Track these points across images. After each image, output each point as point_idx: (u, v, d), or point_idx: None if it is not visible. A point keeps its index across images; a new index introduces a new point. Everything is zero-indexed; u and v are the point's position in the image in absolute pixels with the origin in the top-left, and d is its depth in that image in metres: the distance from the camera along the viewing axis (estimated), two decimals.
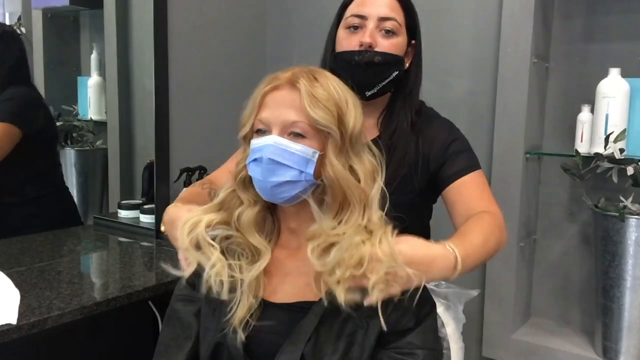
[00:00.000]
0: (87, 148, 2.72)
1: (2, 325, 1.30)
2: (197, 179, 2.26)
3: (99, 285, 1.71)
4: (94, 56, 2.71)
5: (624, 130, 1.87)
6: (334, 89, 1.10)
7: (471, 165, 1.38)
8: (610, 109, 1.89)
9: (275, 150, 1.07)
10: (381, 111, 1.44)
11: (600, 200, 1.93)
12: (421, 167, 1.39)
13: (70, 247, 2.09)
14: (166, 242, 2.10)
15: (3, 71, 2.19)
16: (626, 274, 1.86)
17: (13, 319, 1.32)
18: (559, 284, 2.20)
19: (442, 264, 1.04)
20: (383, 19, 1.36)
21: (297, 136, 1.08)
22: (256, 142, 1.10)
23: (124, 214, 2.36)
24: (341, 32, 1.41)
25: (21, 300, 1.43)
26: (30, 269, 1.72)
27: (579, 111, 1.99)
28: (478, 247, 1.13)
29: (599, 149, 1.89)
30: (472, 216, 1.25)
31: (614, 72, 1.90)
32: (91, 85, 2.71)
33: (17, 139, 2.12)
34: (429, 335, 1.11)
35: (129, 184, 2.53)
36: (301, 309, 1.11)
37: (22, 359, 1.61)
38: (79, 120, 2.72)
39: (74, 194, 2.59)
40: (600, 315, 1.95)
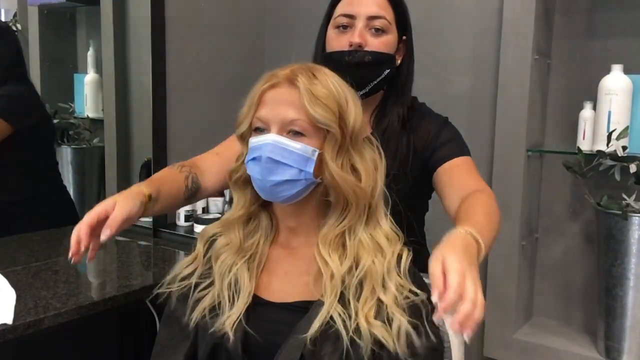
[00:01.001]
0: (84, 146, 2.71)
1: None
2: None
3: (95, 284, 1.70)
4: (90, 53, 2.70)
5: (627, 128, 1.86)
6: (333, 87, 1.10)
7: (461, 151, 1.38)
8: (612, 106, 1.88)
9: (275, 149, 1.06)
10: (374, 108, 1.44)
11: (602, 198, 1.92)
12: (412, 159, 1.39)
13: (67, 246, 1.92)
14: (164, 241, 2.13)
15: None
16: (629, 272, 1.85)
17: (9, 319, 1.31)
18: (561, 283, 2.19)
19: (473, 251, 0.98)
20: (372, 17, 1.36)
21: (297, 134, 1.07)
22: (255, 140, 1.09)
23: None
24: (331, 32, 1.41)
25: (17, 300, 1.42)
26: (26, 268, 1.70)
27: (581, 108, 1.98)
28: (486, 226, 1.10)
29: (602, 146, 1.88)
30: (468, 197, 1.23)
31: (617, 69, 1.89)
32: (88, 82, 2.70)
33: (4, 133, 2.11)
34: (431, 336, 1.08)
35: (126, 183, 2.52)
36: (300, 308, 1.10)
37: (18, 359, 1.59)
38: (75, 118, 2.72)
39: (71, 192, 2.58)
40: (602, 314, 1.94)
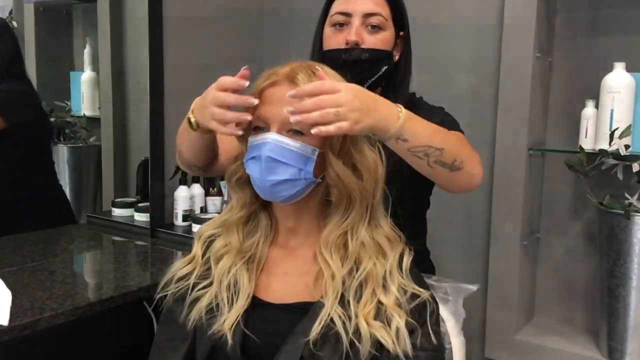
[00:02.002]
0: (80, 145, 2.70)
1: None
2: (192, 177, 2.25)
3: (92, 285, 1.70)
4: (87, 51, 2.69)
5: (629, 126, 1.85)
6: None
7: (452, 127, 1.33)
8: (615, 104, 1.88)
9: (274, 148, 1.05)
10: None
11: (605, 197, 1.92)
12: None
13: (63, 247, 2.07)
14: (162, 241, 2.11)
15: None
16: (632, 272, 1.84)
17: (4, 320, 1.30)
18: (563, 283, 2.19)
19: (385, 108, 1.05)
20: (368, 14, 1.37)
21: (297, 133, 1.07)
22: (254, 139, 1.08)
23: (118, 212, 2.33)
24: (327, 30, 1.41)
25: (13, 301, 1.41)
26: (22, 268, 1.69)
27: (583, 106, 1.98)
28: (427, 125, 1.12)
29: (604, 145, 1.88)
30: None
31: (619, 67, 1.89)
32: (84, 80, 2.69)
33: None
34: (431, 336, 1.09)
35: (123, 182, 2.52)
36: (300, 309, 1.10)
37: None
38: (71, 116, 2.70)
39: (67, 191, 2.57)
40: (605, 315, 1.94)
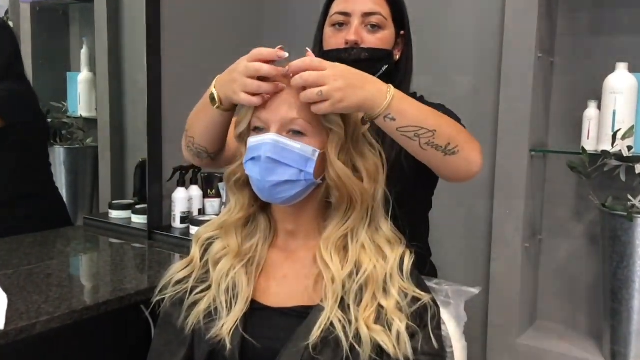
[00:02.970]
0: (77, 146, 2.70)
1: None
2: (190, 178, 2.24)
3: (89, 288, 1.69)
4: (84, 51, 2.69)
5: (632, 127, 1.85)
6: None
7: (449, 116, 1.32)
8: (617, 105, 1.87)
9: (274, 148, 1.05)
10: None
11: (607, 199, 1.91)
12: None
13: (60, 249, 2.08)
14: (159, 244, 2.11)
15: None
16: (635, 275, 1.84)
17: (0, 324, 1.30)
18: (565, 286, 2.19)
19: (373, 86, 1.06)
20: (367, 14, 1.37)
21: (297, 134, 1.06)
22: (254, 140, 1.07)
23: (115, 214, 2.33)
24: (327, 30, 1.41)
25: (8, 304, 1.41)
26: (17, 271, 1.69)
27: (586, 107, 1.97)
28: (419, 106, 1.12)
29: (606, 146, 1.87)
30: None
31: (622, 67, 1.88)
32: (81, 81, 2.70)
33: None
34: (432, 340, 1.08)
35: (121, 184, 2.52)
36: (299, 313, 1.09)
37: None
38: (68, 117, 2.71)
39: (63, 193, 2.57)
40: (608, 318, 1.93)
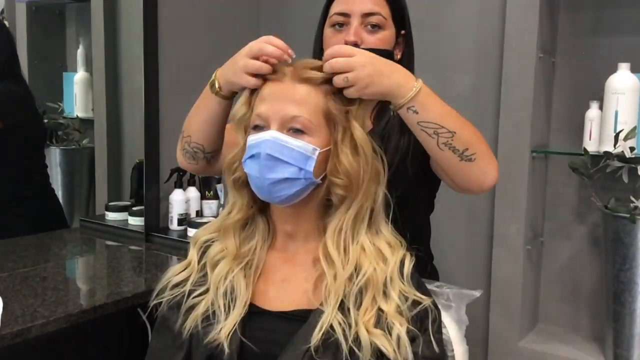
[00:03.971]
0: (73, 147, 2.70)
1: None
2: (188, 180, 2.24)
3: (85, 291, 1.69)
4: (80, 51, 2.69)
5: (634, 128, 1.84)
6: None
7: None
8: (619, 106, 1.86)
9: (274, 146, 1.05)
10: (375, 104, 1.44)
11: (610, 200, 1.90)
12: (413, 149, 1.36)
13: (56, 252, 2.08)
14: (156, 246, 2.11)
15: None
16: (638, 277, 1.83)
17: None
18: (567, 289, 2.18)
19: (401, 77, 1.11)
20: (367, 14, 1.37)
21: (297, 132, 1.06)
22: (253, 137, 1.08)
23: (111, 216, 2.33)
24: (327, 31, 1.42)
25: (3, 308, 1.40)
26: (13, 274, 1.69)
27: (587, 108, 1.96)
28: (443, 105, 1.15)
29: (609, 147, 1.86)
30: None
31: (624, 67, 1.88)
32: (77, 81, 2.69)
33: None
34: (433, 344, 1.08)
35: (117, 185, 2.52)
36: (299, 317, 1.08)
37: None
38: (64, 117, 2.71)
39: (59, 195, 2.56)
40: (611, 321, 1.92)
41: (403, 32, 1.44)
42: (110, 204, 2.36)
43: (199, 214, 2.26)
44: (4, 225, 2.16)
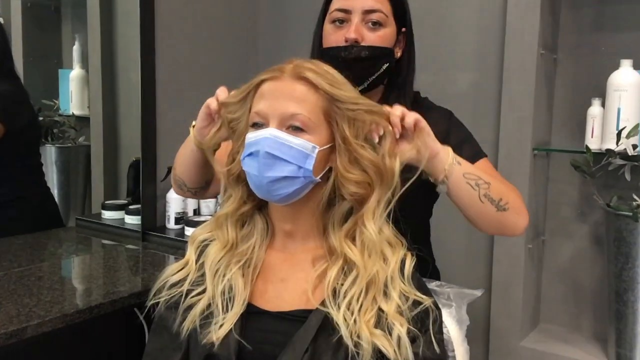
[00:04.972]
0: (69, 145, 2.70)
1: None
2: None
3: (81, 291, 1.68)
4: (76, 48, 2.69)
5: (637, 125, 1.84)
6: (339, 77, 1.12)
7: (475, 154, 1.37)
8: (622, 103, 1.86)
9: (273, 143, 1.04)
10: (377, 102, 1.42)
11: (612, 198, 1.90)
12: None
13: (51, 251, 2.07)
14: (153, 245, 2.12)
15: None
16: None
17: None
18: (569, 288, 2.18)
19: (444, 155, 1.15)
20: (368, 11, 1.36)
21: (296, 130, 1.06)
22: (252, 135, 1.07)
23: (108, 214, 2.33)
24: (327, 27, 1.41)
25: None
26: (8, 274, 1.68)
27: (589, 105, 1.96)
28: (477, 172, 1.19)
29: (611, 144, 1.86)
30: None
31: (626, 64, 1.88)
32: (73, 78, 2.69)
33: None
34: (434, 345, 1.07)
35: (114, 183, 2.52)
36: (298, 317, 1.08)
37: None
38: (60, 115, 2.71)
39: (55, 193, 2.56)
40: (613, 320, 1.92)
41: (404, 29, 1.43)
42: (106, 202, 2.36)
43: (197, 212, 2.26)
44: None
